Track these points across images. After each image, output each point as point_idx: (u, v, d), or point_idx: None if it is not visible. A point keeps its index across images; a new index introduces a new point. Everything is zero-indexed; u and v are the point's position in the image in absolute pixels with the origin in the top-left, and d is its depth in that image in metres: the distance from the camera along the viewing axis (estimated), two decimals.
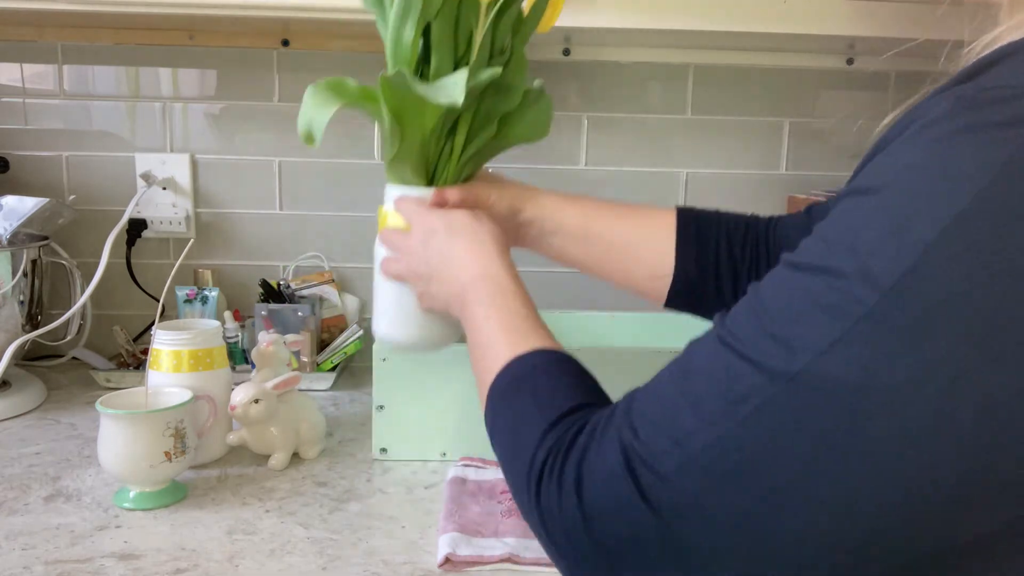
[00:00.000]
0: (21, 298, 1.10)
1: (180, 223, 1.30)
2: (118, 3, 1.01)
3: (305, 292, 1.28)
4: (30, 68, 1.27)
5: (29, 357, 1.22)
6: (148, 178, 1.28)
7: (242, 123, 1.29)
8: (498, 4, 0.66)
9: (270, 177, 1.31)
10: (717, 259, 0.73)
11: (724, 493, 0.37)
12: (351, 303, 1.32)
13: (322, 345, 1.26)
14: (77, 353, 1.24)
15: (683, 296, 0.73)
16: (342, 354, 1.24)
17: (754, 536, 0.37)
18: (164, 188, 1.29)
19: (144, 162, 1.29)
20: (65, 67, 1.27)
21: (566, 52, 1.27)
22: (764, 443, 0.36)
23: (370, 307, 1.31)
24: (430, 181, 0.70)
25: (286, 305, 1.24)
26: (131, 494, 0.82)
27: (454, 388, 0.94)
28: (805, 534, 0.37)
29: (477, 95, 0.68)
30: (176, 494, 0.84)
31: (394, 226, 0.69)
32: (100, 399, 0.82)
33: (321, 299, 1.29)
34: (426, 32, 0.67)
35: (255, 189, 1.31)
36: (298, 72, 1.28)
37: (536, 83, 0.76)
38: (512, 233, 0.74)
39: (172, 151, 1.29)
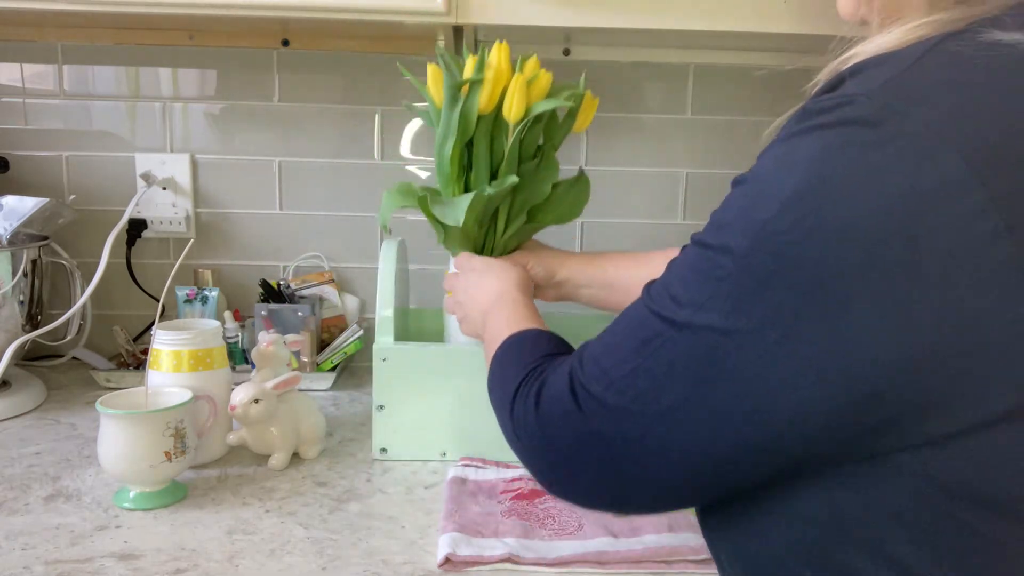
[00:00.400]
0: (21, 298, 1.10)
1: (180, 223, 1.30)
2: (118, 3, 1.00)
3: (305, 292, 1.28)
4: (30, 68, 1.27)
5: (29, 357, 1.22)
6: (148, 178, 1.28)
7: (242, 123, 1.29)
8: (524, 125, 0.85)
9: (270, 177, 1.31)
10: None
11: (634, 409, 0.48)
12: (351, 303, 1.32)
13: (322, 345, 1.26)
14: (77, 353, 1.24)
15: None
16: (342, 354, 1.24)
17: (655, 444, 0.48)
18: (164, 188, 1.29)
19: (144, 162, 1.29)
20: (65, 67, 1.27)
21: (566, 52, 1.27)
22: (661, 374, 0.47)
23: (369, 307, 1.32)
24: (479, 253, 0.92)
25: (286, 305, 1.24)
26: (131, 494, 0.82)
27: (454, 388, 0.94)
28: (691, 445, 0.47)
29: (508, 193, 0.88)
30: (176, 494, 0.84)
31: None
32: (100, 399, 0.82)
33: (321, 299, 1.29)
34: (471, 143, 0.88)
35: (255, 189, 1.31)
36: (298, 72, 1.28)
37: (578, 170, 0.98)
38: (552, 291, 0.93)
39: (172, 151, 1.29)
